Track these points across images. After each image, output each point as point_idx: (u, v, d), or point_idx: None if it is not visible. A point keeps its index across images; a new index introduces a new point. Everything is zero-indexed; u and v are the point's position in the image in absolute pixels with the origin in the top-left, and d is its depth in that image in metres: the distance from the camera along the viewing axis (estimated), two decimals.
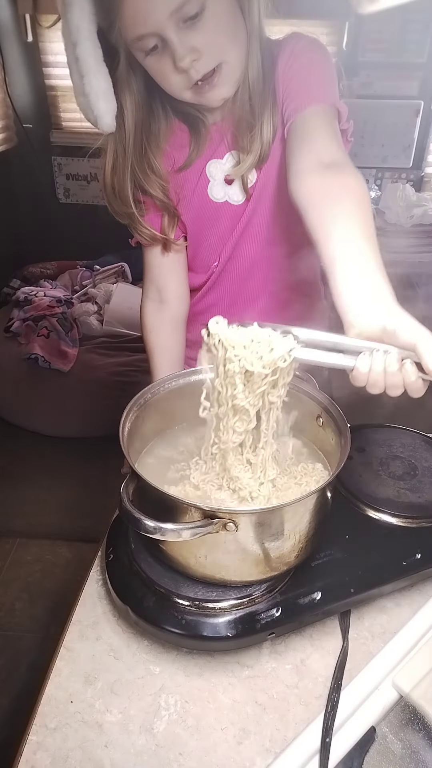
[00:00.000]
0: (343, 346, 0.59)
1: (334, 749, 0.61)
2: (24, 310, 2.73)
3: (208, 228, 1.01)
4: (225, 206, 0.98)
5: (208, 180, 0.97)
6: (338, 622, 0.76)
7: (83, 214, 3.28)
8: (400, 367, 0.56)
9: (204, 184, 0.97)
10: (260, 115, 0.87)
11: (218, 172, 0.96)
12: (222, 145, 0.95)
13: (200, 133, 0.94)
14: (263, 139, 0.89)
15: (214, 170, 0.96)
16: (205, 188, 0.97)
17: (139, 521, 0.60)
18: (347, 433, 0.70)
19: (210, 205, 0.99)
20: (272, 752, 0.63)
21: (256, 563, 0.67)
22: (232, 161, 0.95)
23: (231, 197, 0.97)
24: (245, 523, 0.62)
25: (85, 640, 0.74)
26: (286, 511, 0.64)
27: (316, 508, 0.67)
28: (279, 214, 0.97)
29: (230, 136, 0.93)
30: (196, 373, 0.82)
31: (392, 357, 0.57)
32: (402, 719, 0.65)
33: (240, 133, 0.90)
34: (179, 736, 0.65)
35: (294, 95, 0.85)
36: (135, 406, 0.76)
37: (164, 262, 1.05)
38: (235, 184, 0.96)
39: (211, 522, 0.60)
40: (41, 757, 0.63)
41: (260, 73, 0.85)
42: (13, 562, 1.96)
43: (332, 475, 0.66)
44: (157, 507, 0.64)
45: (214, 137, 0.94)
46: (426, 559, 0.76)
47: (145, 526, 0.60)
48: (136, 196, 0.96)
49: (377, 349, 0.57)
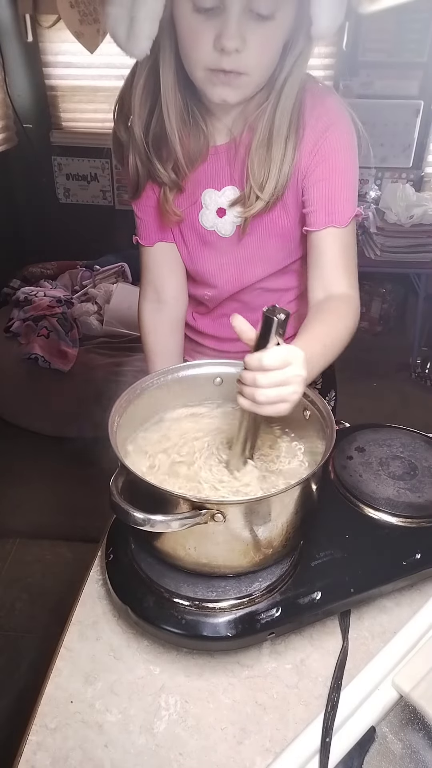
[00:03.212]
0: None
1: (334, 749, 0.61)
2: (24, 310, 2.73)
3: (197, 249, 1.01)
4: (212, 234, 0.97)
5: (201, 207, 0.95)
6: (338, 622, 0.76)
7: (83, 214, 3.28)
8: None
9: (197, 209, 0.96)
10: (279, 159, 0.86)
11: (212, 203, 0.94)
12: (222, 175, 0.92)
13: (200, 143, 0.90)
14: (277, 186, 0.87)
15: (208, 199, 0.94)
16: (197, 213, 0.96)
17: (127, 513, 0.61)
18: (332, 424, 0.71)
19: (199, 229, 0.97)
20: (272, 752, 0.63)
21: (244, 553, 0.67)
22: (230, 196, 0.93)
23: (219, 229, 0.96)
24: (233, 514, 0.62)
25: (85, 640, 0.74)
26: (272, 501, 0.65)
27: (302, 498, 0.67)
28: (267, 247, 0.97)
29: (235, 170, 0.91)
30: (185, 368, 0.84)
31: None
32: (402, 719, 0.65)
33: (249, 172, 0.88)
34: (179, 736, 0.65)
35: (317, 201, 0.88)
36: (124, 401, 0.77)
37: (163, 262, 1.04)
38: (226, 219, 0.94)
39: (199, 513, 0.61)
40: (41, 757, 0.63)
41: (288, 118, 0.84)
42: (13, 562, 1.96)
43: (319, 464, 0.67)
44: (147, 499, 0.64)
45: (213, 162, 0.92)
46: (426, 559, 0.76)
47: (134, 518, 0.60)
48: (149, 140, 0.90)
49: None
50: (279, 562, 0.73)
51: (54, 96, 3.05)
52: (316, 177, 0.87)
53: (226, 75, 0.77)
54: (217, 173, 0.93)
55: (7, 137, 3.00)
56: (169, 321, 1.10)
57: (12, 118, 3.01)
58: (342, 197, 0.88)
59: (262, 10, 0.72)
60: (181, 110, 0.86)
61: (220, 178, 0.93)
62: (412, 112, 2.82)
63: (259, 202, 0.88)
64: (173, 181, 0.91)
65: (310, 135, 0.86)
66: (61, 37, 2.83)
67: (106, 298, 2.87)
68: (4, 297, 2.98)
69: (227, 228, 0.95)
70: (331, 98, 0.88)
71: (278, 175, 0.86)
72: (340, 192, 0.88)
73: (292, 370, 0.63)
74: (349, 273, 0.90)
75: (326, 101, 0.87)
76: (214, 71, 0.77)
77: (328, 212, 0.88)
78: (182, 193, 0.95)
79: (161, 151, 0.89)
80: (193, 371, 0.85)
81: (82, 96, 3.03)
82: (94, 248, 3.15)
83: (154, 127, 0.87)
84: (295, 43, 0.80)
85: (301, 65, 0.82)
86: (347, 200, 0.88)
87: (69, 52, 2.88)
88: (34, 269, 3.13)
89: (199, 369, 0.86)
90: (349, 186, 0.89)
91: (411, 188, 2.70)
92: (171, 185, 0.92)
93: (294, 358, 0.63)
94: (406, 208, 2.59)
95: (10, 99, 2.95)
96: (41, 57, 2.93)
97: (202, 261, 1.01)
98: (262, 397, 0.63)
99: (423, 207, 2.60)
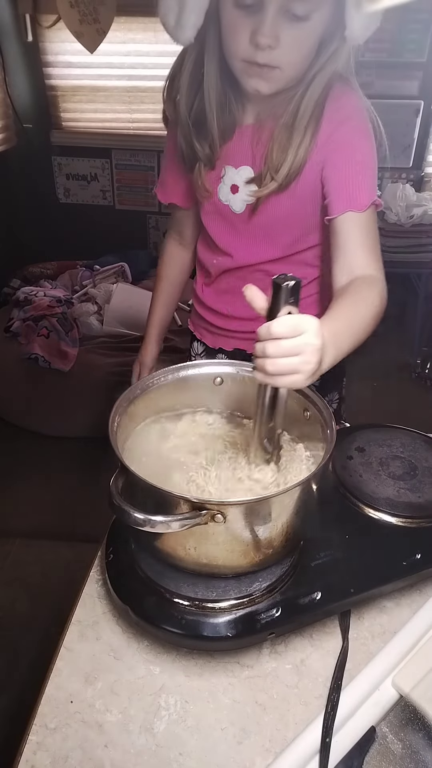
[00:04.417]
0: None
1: (334, 749, 0.61)
2: (24, 310, 2.72)
3: (212, 217, 1.05)
4: (226, 208, 1.01)
5: (220, 180, 1.00)
6: (338, 622, 0.76)
7: (83, 214, 3.28)
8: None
9: (217, 181, 1.00)
10: (297, 144, 0.89)
11: (228, 179, 0.99)
12: (242, 154, 0.97)
13: (230, 121, 0.95)
14: (291, 169, 0.91)
15: (225, 175, 0.99)
16: (216, 185, 1.00)
17: (127, 514, 0.60)
18: (332, 424, 0.71)
19: (216, 201, 1.02)
20: (272, 752, 0.63)
21: (244, 553, 0.67)
22: (244, 175, 0.97)
23: (232, 205, 1.00)
24: (233, 514, 0.62)
25: (85, 640, 0.74)
26: (272, 502, 0.65)
27: (303, 499, 0.67)
28: (273, 228, 1.00)
29: (255, 151, 0.95)
30: (185, 368, 0.85)
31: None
32: (402, 719, 0.65)
33: (269, 154, 0.91)
34: (179, 736, 0.65)
35: (335, 188, 0.90)
36: (124, 401, 0.77)
37: (186, 214, 1.15)
38: (238, 196, 0.99)
39: (199, 513, 0.61)
40: (41, 757, 0.63)
41: (312, 108, 0.88)
42: (13, 562, 1.96)
43: (319, 465, 0.67)
44: (147, 500, 0.64)
45: (237, 141, 0.96)
46: (426, 559, 0.76)
47: (135, 518, 0.60)
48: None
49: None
50: (279, 562, 0.73)
51: (54, 96, 3.05)
52: (333, 164, 0.90)
53: (260, 68, 0.82)
54: (238, 152, 0.97)
55: (7, 137, 3.00)
56: (188, 256, 1.22)
57: (12, 118, 3.01)
58: (359, 183, 0.89)
59: (297, 10, 0.76)
60: (220, 94, 0.92)
61: (240, 156, 0.97)
62: (412, 112, 2.81)
63: (272, 183, 0.92)
64: (207, 156, 0.97)
65: (326, 126, 0.90)
66: (61, 37, 2.83)
67: (106, 298, 2.87)
68: (4, 297, 2.98)
69: (238, 204, 1.00)
70: (352, 94, 0.92)
71: (293, 159, 0.90)
72: (356, 178, 0.89)
73: (303, 338, 0.60)
74: (373, 256, 0.90)
75: (347, 96, 0.91)
76: (250, 63, 0.82)
77: (346, 198, 0.89)
78: (213, 169, 1.00)
79: (201, 128, 0.95)
80: (193, 371, 0.85)
81: (82, 96, 3.03)
82: (94, 248, 3.15)
83: (197, 107, 0.94)
84: (330, 42, 0.84)
85: (334, 62, 0.85)
86: (365, 186, 0.90)
87: (69, 52, 2.89)
88: (34, 269, 3.13)
89: (199, 369, 0.86)
90: (367, 173, 0.90)
91: (411, 188, 2.70)
92: (206, 161, 0.98)
93: (307, 326, 0.60)
94: (406, 208, 2.59)
95: (10, 99, 2.95)
96: (41, 57, 2.93)
97: (215, 229, 1.06)
98: (271, 367, 0.60)
99: (423, 207, 2.60)
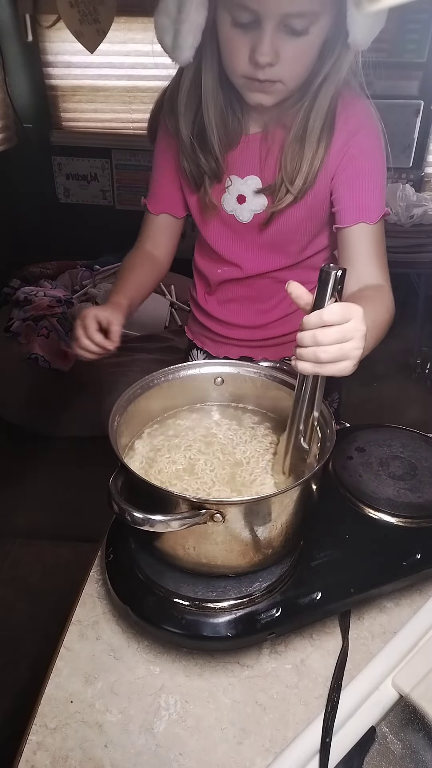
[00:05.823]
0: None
1: (334, 749, 0.61)
2: (24, 310, 2.72)
3: (217, 228, 1.03)
4: (232, 218, 1.00)
5: (225, 190, 0.98)
6: (338, 622, 0.76)
7: (83, 214, 3.28)
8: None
9: (221, 192, 0.98)
10: (311, 156, 0.89)
11: (234, 189, 0.97)
12: (248, 164, 0.95)
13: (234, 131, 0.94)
14: (306, 182, 0.90)
15: (231, 185, 0.97)
16: (220, 195, 0.98)
17: (127, 513, 0.61)
18: (332, 424, 0.71)
19: (221, 211, 1.00)
20: (272, 752, 0.63)
21: (244, 553, 0.67)
22: (252, 185, 0.96)
23: (238, 215, 0.99)
24: (232, 514, 0.62)
25: (85, 640, 0.74)
26: (272, 502, 0.65)
27: (302, 499, 0.67)
28: (282, 238, 0.99)
29: (262, 161, 0.94)
30: (185, 368, 0.85)
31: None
32: (402, 719, 0.65)
33: (282, 166, 0.90)
34: (179, 736, 0.65)
35: (347, 198, 0.91)
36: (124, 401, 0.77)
37: (165, 228, 1.10)
38: (245, 206, 0.97)
39: (198, 513, 0.61)
40: (41, 757, 0.63)
41: (322, 119, 0.87)
42: (13, 562, 1.96)
43: (318, 465, 0.67)
44: (146, 499, 0.64)
45: (242, 150, 0.95)
46: (426, 559, 0.76)
47: (134, 518, 0.60)
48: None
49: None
50: (279, 562, 0.73)
51: (54, 96, 3.05)
52: (346, 176, 0.90)
53: (261, 83, 0.81)
54: (245, 161, 0.96)
55: (7, 137, 3.00)
56: (157, 268, 1.11)
57: (12, 118, 3.01)
58: (371, 195, 0.90)
59: (296, 26, 0.75)
60: (221, 108, 0.91)
61: (246, 166, 0.96)
62: (412, 112, 2.81)
63: (288, 196, 0.91)
64: (213, 170, 0.96)
65: (339, 136, 0.89)
66: (61, 37, 2.83)
67: (105, 298, 2.87)
68: (4, 297, 2.98)
69: (245, 215, 0.98)
70: (362, 102, 0.91)
71: (308, 171, 0.89)
72: (369, 190, 0.90)
73: (352, 324, 0.61)
74: (382, 267, 0.92)
75: (358, 105, 0.90)
76: (251, 80, 0.81)
77: (359, 209, 0.90)
78: (219, 182, 0.98)
79: (203, 142, 0.94)
80: (193, 371, 0.85)
81: (82, 96, 3.03)
82: (94, 248, 3.15)
83: (198, 123, 0.93)
84: (332, 50, 0.83)
85: (338, 70, 0.84)
86: (377, 197, 0.90)
87: (69, 52, 2.89)
88: (34, 269, 3.13)
89: (199, 369, 0.86)
90: (378, 185, 0.91)
91: (411, 188, 2.70)
92: (212, 175, 0.96)
93: (354, 313, 0.61)
94: (406, 208, 2.59)
95: (10, 99, 2.95)
96: (41, 57, 2.93)
97: (219, 240, 1.04)
98: (324, 354, 0.60)
99: (423, 207, 2.60)
